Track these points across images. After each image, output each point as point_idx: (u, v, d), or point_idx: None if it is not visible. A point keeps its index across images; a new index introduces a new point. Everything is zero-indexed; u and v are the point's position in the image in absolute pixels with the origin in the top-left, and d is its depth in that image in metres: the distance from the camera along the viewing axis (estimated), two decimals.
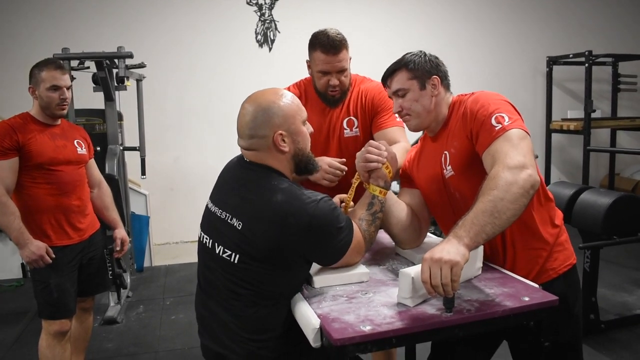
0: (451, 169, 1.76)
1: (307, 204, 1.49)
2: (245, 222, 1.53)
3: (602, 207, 3.16)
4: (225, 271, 1.58)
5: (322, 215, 1.50)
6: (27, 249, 2.43)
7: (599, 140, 6.66)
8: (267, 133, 1.57)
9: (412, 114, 1.83)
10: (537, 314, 1.50)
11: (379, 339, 1.32)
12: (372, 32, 6.00)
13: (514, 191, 1.44)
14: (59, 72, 2.52)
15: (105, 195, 2.89)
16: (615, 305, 3.86)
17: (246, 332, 1.58)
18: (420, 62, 1.81)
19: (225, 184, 1.69)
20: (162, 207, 5.45)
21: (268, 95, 1.61)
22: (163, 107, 5.48)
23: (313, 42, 2.26)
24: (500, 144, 1.56)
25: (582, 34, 6.58)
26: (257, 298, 1.55)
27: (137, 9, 5.43)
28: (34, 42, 5.04)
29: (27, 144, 2.44)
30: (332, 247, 1.57)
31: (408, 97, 1.82)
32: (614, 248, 3.89)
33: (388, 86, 1.88)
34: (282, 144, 1.58)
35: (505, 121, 1.60)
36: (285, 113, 1.59)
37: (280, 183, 1.54)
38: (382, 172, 1.78)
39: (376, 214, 1.74)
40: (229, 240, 1.57)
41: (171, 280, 4.86)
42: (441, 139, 1.84)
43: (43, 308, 2.55)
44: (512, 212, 1.43)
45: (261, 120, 1.57)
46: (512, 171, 1.47)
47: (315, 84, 2.36)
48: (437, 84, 1.81)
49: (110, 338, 3.67)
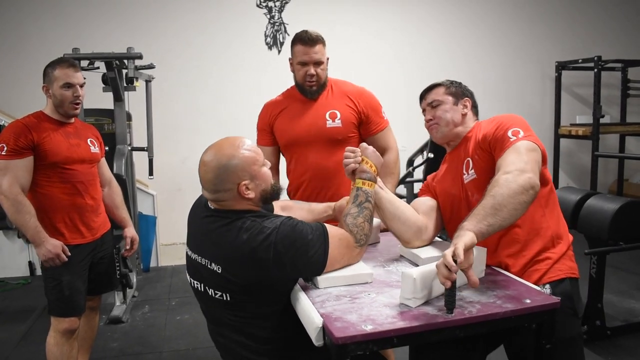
0: (474, 172, 1.90)
1: (269, 234, 1.56)
2: (222, 265, 1.60)
3: (609, 213, 3.15)
4: (223, 308, 1.67)
5: (285, 238, 1.56)
6: (44, 247, 2.45)
7: (607, 146, 6.63)
8: (231, 186, 1.65)
9: (440, 123, 2.03)
10: (538, 316, 1.51)
11: (380, 339, 1.34)
12: (382, 36, 6.01)
13: (513, 187, 1.58)
14: (72, 69, 2.55)
15: (116, 194, 2.92)
16: (621, 311, 3.84)
17: (253, 342, 1.66)
18: (457, 86, 2.08)
19: (197, 231, 1.76)
20: (170, 208, 5.48)
21: (226, 149, 1.67)
22: (172, 108, 5.50)
23: (294, 39, 2.59)
24: (509, 154, 1.73)
25: (591, 39, 6.55)
26: (261, 320, 1.64)
27: (146, 11, 5.47)
28: (45, 43, 5.08)
29: (42, 142, 2.47)
30: (308, 260, 1.61)
31: (440, 108, 2.03)
32: (620, 254, 3.88)
33: (424, 99, 2.11)
34: (246, 192, 1.65)
35: (520, 134, 1.76)
36: (244, 164, 1.65)
37: (244, 223, 1.60)
38: (362, 167, 1.86)
39: (362, 204, 1.79)
40: (215, 283, 1.64)
41: (177, 280, 4.88)
42: (461, 150, 2.01)
43: (54, 305, 2.57)
44: (512, 206, 1.56)
45: (224, 177, 1.64)
46: (512, 173, 1.62)
47: (295, 78, 2.63)
48: (468, 105, 2.04)
49: (115, 337, 3.69)
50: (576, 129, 6.08)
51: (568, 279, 1.81)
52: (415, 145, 5.42)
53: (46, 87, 2.56)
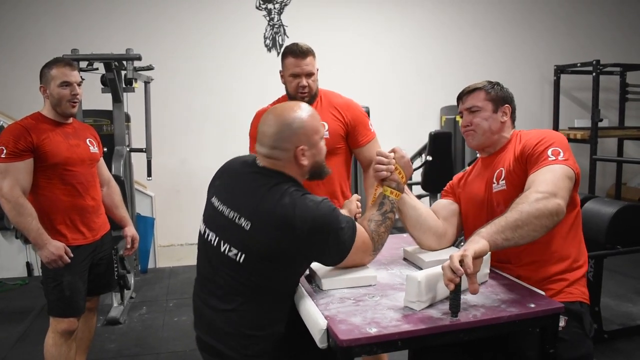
0: (504, 183, 1.87)
1: (310, 207, 1.56)
2: (254, 222, 1.57)
3: (606, 217, 3.16)
4: (228, 268, 1.62)
5: (323, 217, 1.57)
6: (46, 249, 2.44)
7: (605, 150, 6.65)
8: (290, 147, 1.65)
9: (477, 131, 1.96)
10: (542, 321, 1.51)
11: (384, 341, 1.34)
12: (379, 38, 6.03)
13: (540, 209, 1.55)
14: (69, 68, 2.54)
15: (115, 193, 2.91)
16: (618, 315, 3.84)
17: (245, 327, 1.61)
18: (498, 90, 1.99)
19: (234, 184, 1.72)
20: (168, 209, 5.47)
21: (293, 111, 1.68)
22: (170, 109, 5.50)
23: (284, 52, 2.60)
24: (545, 172, 1.70)
25: (590, 43, 6.58)
26: (258, 295, 1.60)
27: (146, 12, 5.47)
28: (44, 43, 5.07)
29: (41, 144, 2.45)
30: (334, 246, 1.60)
31: (479, 115, 1.95)
32: (618, 258, 3.88)
33: (462, 102, 2.02)
34: (302, 158, 1.66)
35: (560, 156, 1.74)
36: (308, 129, 1.67)
37: (289, 188, 1.60)
38: (395, 176, 1.83)
39: (386, 213, 1.77)
40: (236, 239, 1.61)
41: (175, 282, 4.87)
42: (495, 158, 1.97)
43: (54, 305, 2.55)
44: (533, 227, 1.54)
45: (286, 135, 1.64)
46: (543, 194, 1.59)
47: (287, 90, 2.63)
48: (508, 113, 1.97)
49: (112, 339, 3.67)
50: (574, 133, 6.10)
51: (579, 302, 1.81)
52: (412, 148, 5.43)
53: (43, 88, 2.55)
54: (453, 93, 2.14)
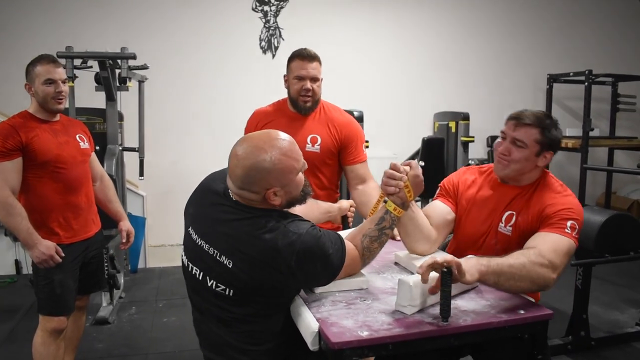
0: (511, 230, 1.88)
1: (294, 241, 1.49)
2: (234, 261, 1.53)
3: (596, 225, 3.18)
4: (220, 301, 1.60)
5: (308, 250, 1.51)
6: (37, 249, 2.43)
7: (596, 159, 6.70)
8: (259, 190, 1.55)
9: (511, 165, 1.91)
10: (531, 327, 1.53)
11: (375, 345, 1.35)
12: (376, 43, 6.03)
13: (539, 273, 1.62)
14: (53, 65, 2.53)
15: (108, 188, 2.89)
16: (606, 322, 3.87)
17: (243, 343, 1.62)
18: (553, 133, 1.92)
19: (208, 217, 1.66)
20: (159, 209, 5.45)
21: (262, 150, 1.53)
22: (164, 109, 5.48)
23: (291, 55, 2.62)
24: (555, 240, 1.74)
25: (583, 53, 6.62)
26: (251, 317, 1.60)
27: (141, 11, 5.45)
28: (38, 40, 5.03)
29: (30, 142, 2.43)
30: (321, 275, 1.60)
31: (522, 152, 1.89)
32: (606, 266, 3.91)
33: (512, 127, 1.92)
34: (273, 197, 1.56)
35: (575, 232, 1.80)
36: (279, 171, 1.54)
37: (268, 221, 1.53)
38: (403, 193, 1.75)
39: (384, 229, 1.72)
40: (221, 276, 1.57)
41: (165, 282, 4.86)
42: (511, 196, 1.94)
43: (44, 304, 2.54)
44: (522, 287, 1.61)
45: (253, 179, 1.53)
46: (551, 264, 1.65)
47: (290, 93, 2.64)
48: (548, 159, 1.93)
49: (101, 338, 3.66)
50: (566, 141, 6.12)
51: None
52: (405, 153, 5.45)
53: (29, 86, 2.54)
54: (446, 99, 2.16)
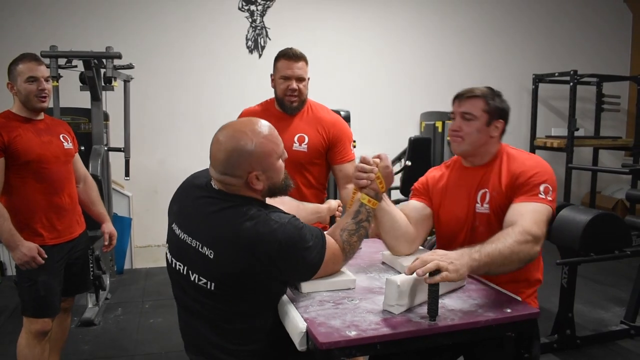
0: (488, 207, 1.89)
1: (275, 229, 1.50)
2: (216, 251, 1.53)
3: (581, 224, 3.19)
4: (203, 296, 1.59)
5: (290, 239, 1.51)
6: (19, 251, 2.40)
7: (581, 159, 6.76)
8: (241, 173, 1.56)
9: (465, 139, 1.94)
10: (518, 326, 1.53)
11: (363, 344, 1.34)
12: (364, 42, 6.04)
13: (524, 250, 1.64)
14: (35, 63, 2.50)
15: (91, 189, 2.86)
16: (591, 321, 3.91)
17: (229, 343, 1.61)
18: (498, 102, 1.98)
19: (191, 211, 1.66)
20: (145, 210, 5.42)
21: (244, 133, 1.57)
22: (150, 109, 5.45)
23: (277, 55, 2.62)
24: (533, 210, 1.76)
25: (568, 54, 6.68)
26: (236, 316, 1.58)
27: (127, 10, 5.41)
28: (21, 39, 4.99)
29: (13, 142, 2.40)
30: (302, 266, 1.59)
31: (472, 124, 1.93)
32: (591, 265, 3.95)
33: (458, 104, 1.97)
34: (256, 182, 1.58)
35: (549, 195, 1.80)
36: (260, 154, 1.57)
37: (249, 209, 1.54)
38: (374, 185, 1.79)
39: (361, 222, 1.73)
40: (203, 268, 1.56)
41: (151, 283, 4.83)
42: (479, 176, 1.96)
43: (28, 306, 2.51)
44: (513, 267, 1.66)
45: (235, 162, 1.55)
46: (532, 237, 1.67)
47: (276, 93, 2.64)
48: (499, 128, 1.97)
49: (86, 340, 3.63)
50: (551, 141, 6.18)
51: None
52: (392, 152, 5.45)
53: (11, 85, 2.51)
54: (433, 99, 2.17)
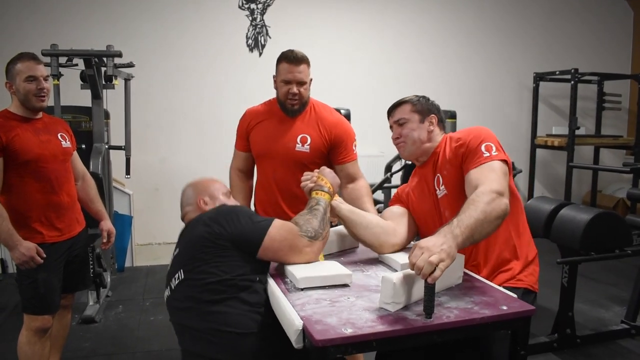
0: (444, 188, 1.94)
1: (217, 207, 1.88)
2: (180, 246, 1.83)
3: (581, 223, 3.19)
4: (181, 292, 1.74)
5: (230, 207, 1.83)
6: (17, 250, 2.41)
7: (582, 157, 6.75)
8: (193, 201, 2.00)
9: (407, 142, 2.07)
10: (514, 323, 1.54)
11: (359, 342, 1.35)
12: (363, 41, 6.05)
13: (495, 208, 1.65)
14: (34, 62, 2.50)
15: (90, 187, 2.88)
16: (591, 320, 3.90)
17: (223, 325, 1.64)
18: (423, 102, 2.10)
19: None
20: (146, 208, 5.43)
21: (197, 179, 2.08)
22: (151, 107, 5.46)
23: (279, 57, 2.63)
24: (485, 171, 1.79)
25: (569, 52, 6.68)
26: (217, 306, 1.65)
27: (127, 8, 5.42)
28: (22, 38, 5.00)
29: (11, 142, 2.41)
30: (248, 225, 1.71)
31: (407, 126, 2.07)
32: (591, 264, 3.94)
33: (391, 116, 2.14)
34: (204, 206, 1.96)
35: (492, 151, 1.83)
36: (206, 186, 2.03)
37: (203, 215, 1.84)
38: (318, 183, 1.97)
39: (312, 207, 1.87)
40: (174, 266, 1.80)
41: (152, 281, 4.84)
42: (430, 166, 2.04)
43: (28, 303, 2.52)
44: (492, 227, 1.65)
45: (189, 194, 2.03)
46: (497, 194, 1.68)
47: (278, 95, 2.64)
48: (434, 122, 2.07)
49: (87, 337, 3.64)
50: (552, 140, 6.18)
51: (530, 290, 1.89)
52: (391, 152, 5.45)
53: (9, 84, 2.51)
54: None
